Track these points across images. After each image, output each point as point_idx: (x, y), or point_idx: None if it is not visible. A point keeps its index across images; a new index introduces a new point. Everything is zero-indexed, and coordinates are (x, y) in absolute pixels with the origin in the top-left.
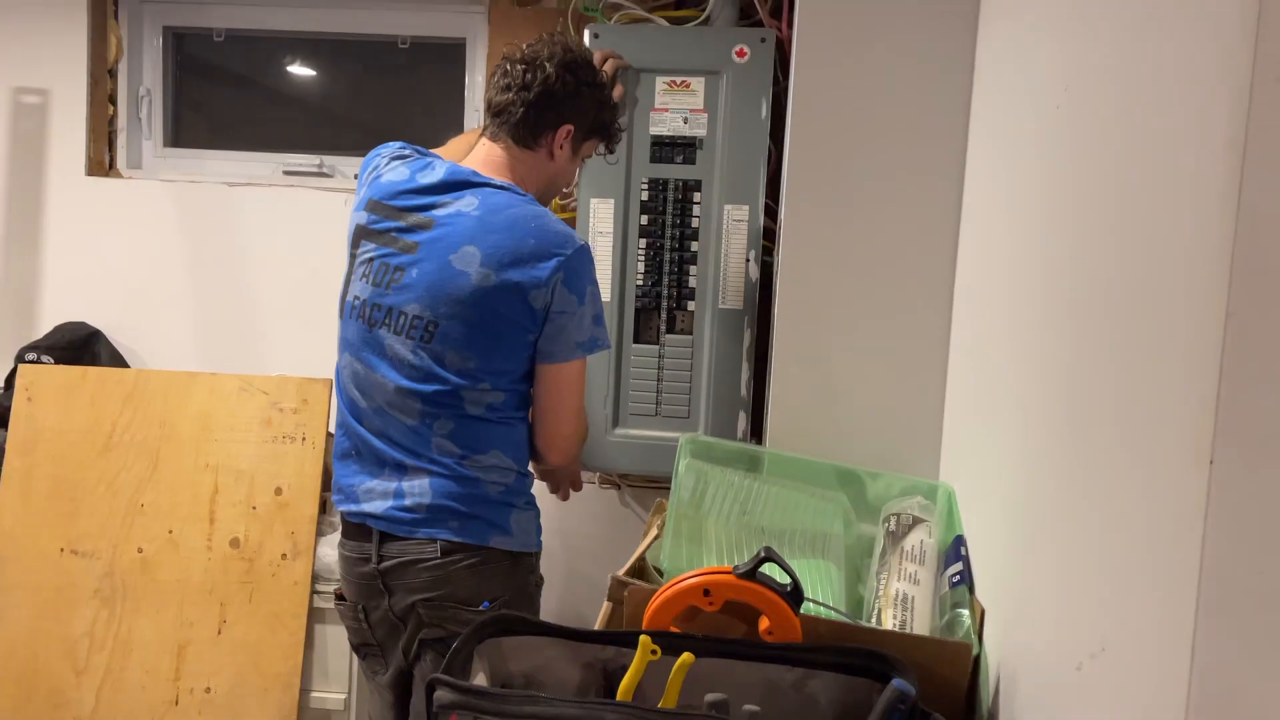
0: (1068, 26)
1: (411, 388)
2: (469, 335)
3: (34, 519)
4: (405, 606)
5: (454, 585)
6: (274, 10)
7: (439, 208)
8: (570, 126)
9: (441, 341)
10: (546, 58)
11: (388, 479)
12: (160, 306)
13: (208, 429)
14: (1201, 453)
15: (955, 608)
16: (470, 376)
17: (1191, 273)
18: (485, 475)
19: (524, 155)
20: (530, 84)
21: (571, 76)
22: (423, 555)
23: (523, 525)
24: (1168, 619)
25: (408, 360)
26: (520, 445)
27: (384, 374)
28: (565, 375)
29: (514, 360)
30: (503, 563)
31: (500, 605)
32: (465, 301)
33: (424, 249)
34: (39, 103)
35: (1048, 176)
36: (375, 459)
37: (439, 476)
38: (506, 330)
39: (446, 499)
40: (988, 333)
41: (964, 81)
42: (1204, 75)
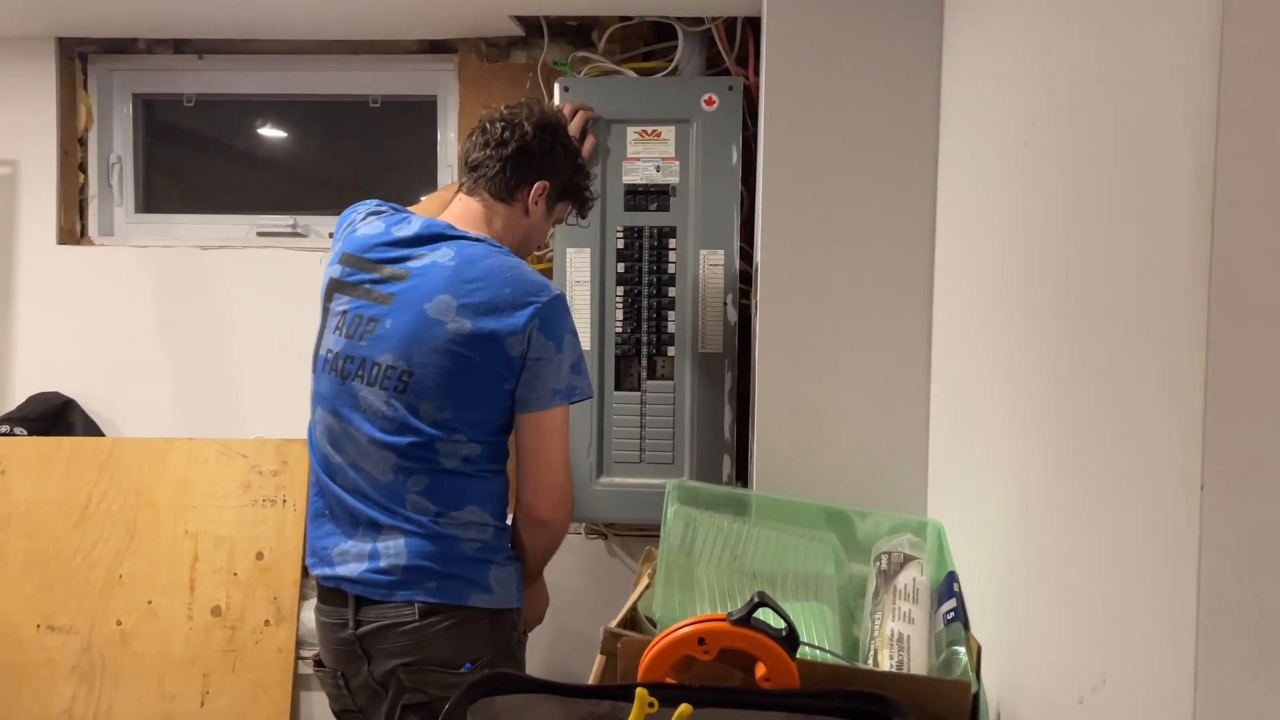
0: (1031, 64)
1: (385, 440)
2: (443, 385)
3: (8, 595)
4: (385, 672)
5: (434, 648)
6: (244, 75)
7: (414, 259)
8: (545, 183)
9: (415, 392)
10: (525, 117)
11: (362, 539)
12: (135, 373)
13: (186, 495)
14: (1191, 479)
15: (951, 645)
16: (445, 427)
17: (1171, 303)
18: (462, 532)
19: (500, 209)
20: (508, 141)
21: (549, 136)
22: (400, 619)
23: (502, 581)
24: (1168, 650)
25: (381, 412)
26: (497, 499)
27: (357, 427)
28: (546, 424)
29: (489, 410)
30: (483, 621)
31: (483, 665)
32: (440, 350)
33: (398, 300)
34: (9, 173)
35: (1020, 212)
36: (349, 518)
37: (414, 536)
38: (482, 379)
39: (423, 559)
40: (968, 368)
41: (931, 119)
42: (1170, 107)
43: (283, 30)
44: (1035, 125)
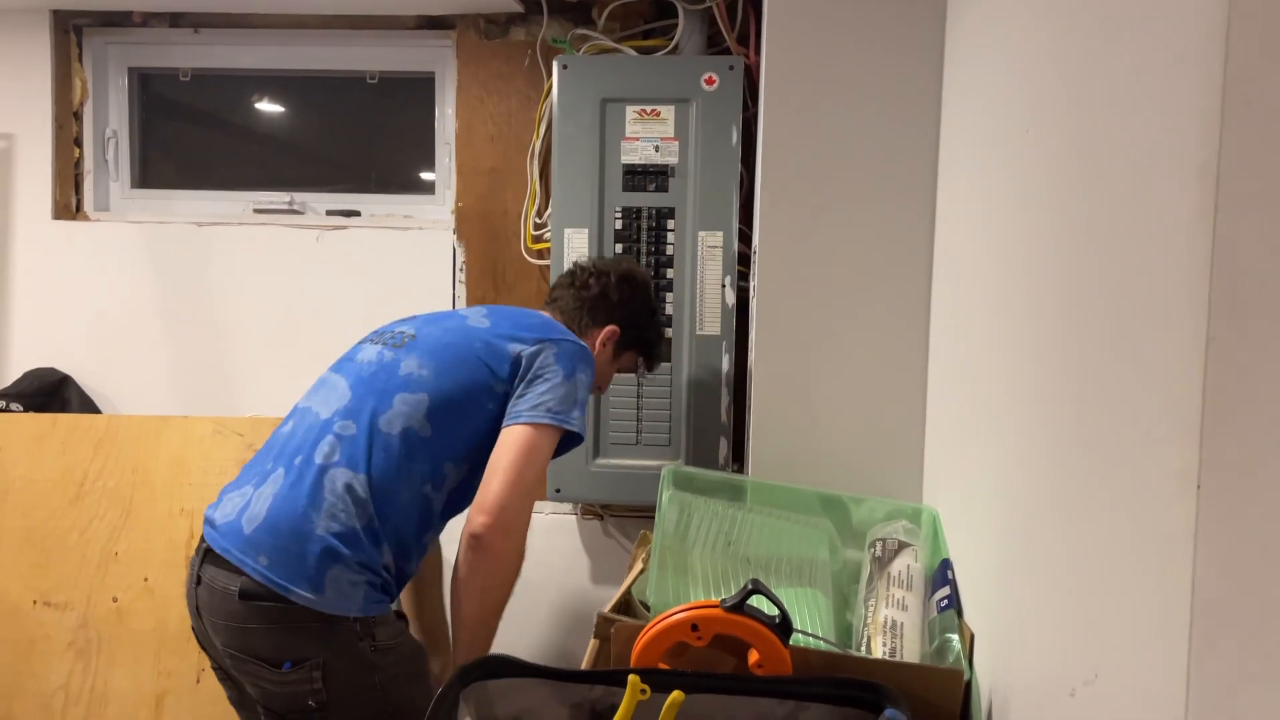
0: (1036, 49)
1: (348, 383)
2: (435, 347)
3: (4, 571)
4: (219, 653)
5: (252, 639)
6: (240, 49)
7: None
8: (616, 329)
9: (408, 348)
10: (612, 268)
11: (252, 485)
12: (131, 350)
13: (182, 473)
14: (1188, 478)
15: (944, 633)
16: (413, 385)
17: (1171, 298)
18: (332, 503)
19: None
20: (591, 285)
21: (629, 288)
22: (227, 589)
23: (341, 587)
24: (1161, 645)
25: (367, 359)
26: (402, 513)
27: (337, 374)
28: (525, 438)
29: (463, 405)
30: (310, 622)
31: (312, 667)
32: (449, 328)
33: (434, 316)
34: (4, 147)
35: (1021, 199)
36: (261, 465)
37: (292, 484)
38: (474, 366)
39: (275, 516)
40: (967, 355)
41: (933, 102)
42: (1174, 99)
43: (280, 4)
44: (1038, 112)
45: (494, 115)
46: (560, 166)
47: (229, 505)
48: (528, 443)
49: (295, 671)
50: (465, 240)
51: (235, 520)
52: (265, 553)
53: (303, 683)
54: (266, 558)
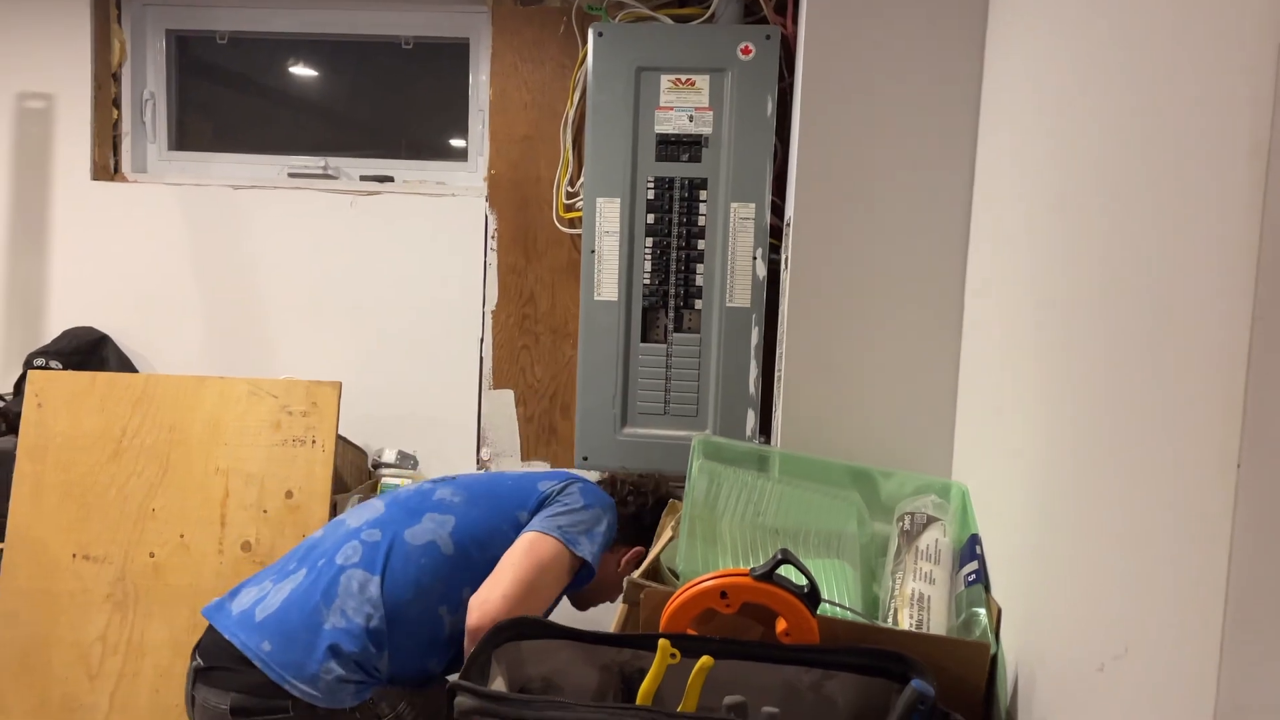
0: (1081, 24)
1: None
2: (471, 486)
3: (45, 524)
4: None
5: None
6: (277, 12)
7: None
8: (642, 550)
9: (445, 483)
10: (651, 490)
11: (268, 584)
12: (167, 310)
13: (217, 433)
14: (1229, 456)
15: (971, 607)
16: (447, 506)
17: (1216, 275)
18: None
19: None
20: (628, 502)
21: (661, 512)
22: (218, 710)
23: (330, 682)
24: (1194, 622)
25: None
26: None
27: (378, 498)
28: (535, 546)
29: (488, 532)
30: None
31: None
32: (484, 476)
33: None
34: (43, 107)
35: (1063, 173)
36: (282, 564)
37: (311, 579)
38: (503, 501)
39: (289, 607)
40: (1001, 330)
41: (974, 75)
42: (1225, 79)
43: None
44: (1084, 85)
45: (528, 82)
46: (593, 135)
47: (246, 597)
48: (536, 549)
49: None
50: (497, 207)
51: (249, 609)
52: (270, 639)
53: None
54: (270, 644)
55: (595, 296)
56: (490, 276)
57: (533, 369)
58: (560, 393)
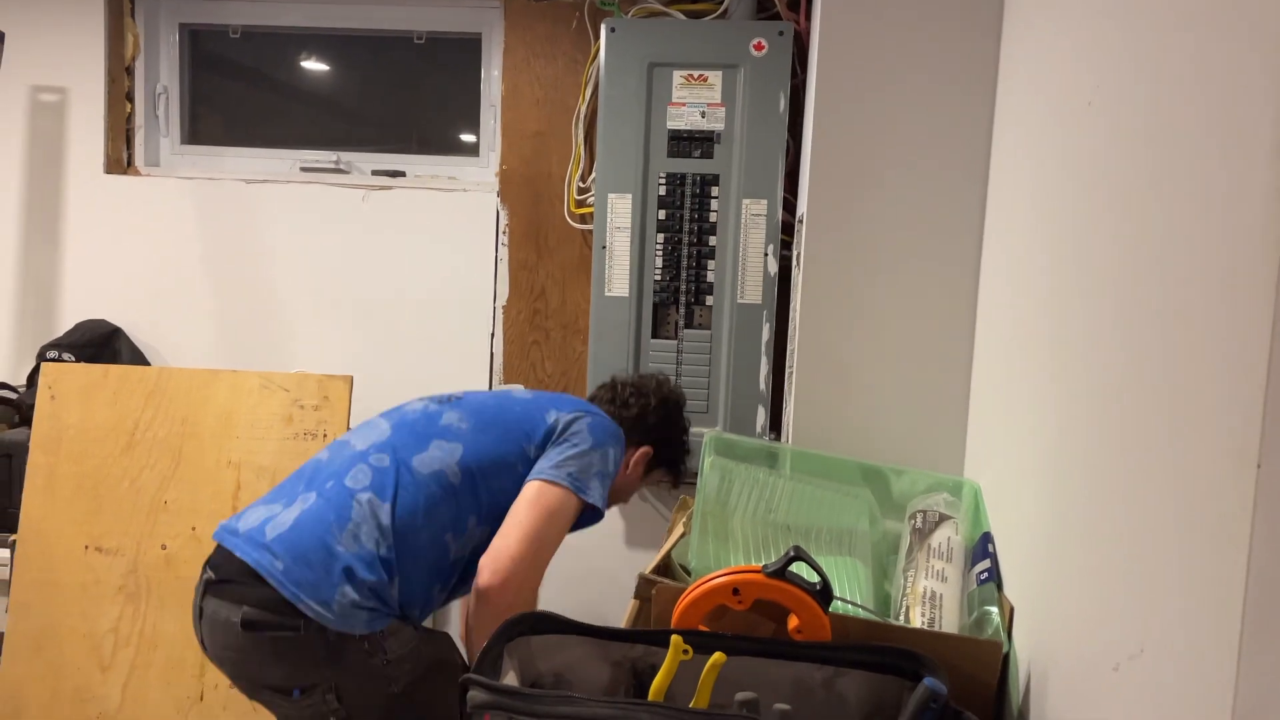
0: (1097, 21)
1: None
2: (476, 405)
3: (58, 516)
4: (228, 681)
5: (259, 667)
6: (289, 7)
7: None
8: (650, 450)
9: (453, 404)
10: (653, 389)
11: (277, 505)
12: (179, 303)
13: (229, 426)
14: (1248, 456)
15: (984, 605)
16: (454, 432)
17: (1235, 270)
18: (356, 525)
19: None
20: (630, 404)
21: (666, 413)
22: (229, 624)
23: (345, 609)
24: (1211, 622)
25: (412, 409)
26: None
27: (384, 418)
28: (542, 496)
29: (494, 462)
30: (316, 648)
31: (324, 690)
32: (493, 395)
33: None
34: (57, 101)
35: (1078, 171)
36: (289, 484)
37: (322, 502)
38: (510, 428)
39: (302, 528)
40: (1015, 327)
41: (990, 69)
42: (1248, 76)
43: None
44: (1101, 84)
45: (540, 78)
46: (605, 131)
47: (253, 516)
48: (544, 500)
49: (307, 697)
50: (508, 203)
51: (258, 527)
52: (283, 558)
53: (318, 706)
54: (283, 562)
55: (606, 292)
56: (501, 272)
57: (543, 364)
58: (570, 388)
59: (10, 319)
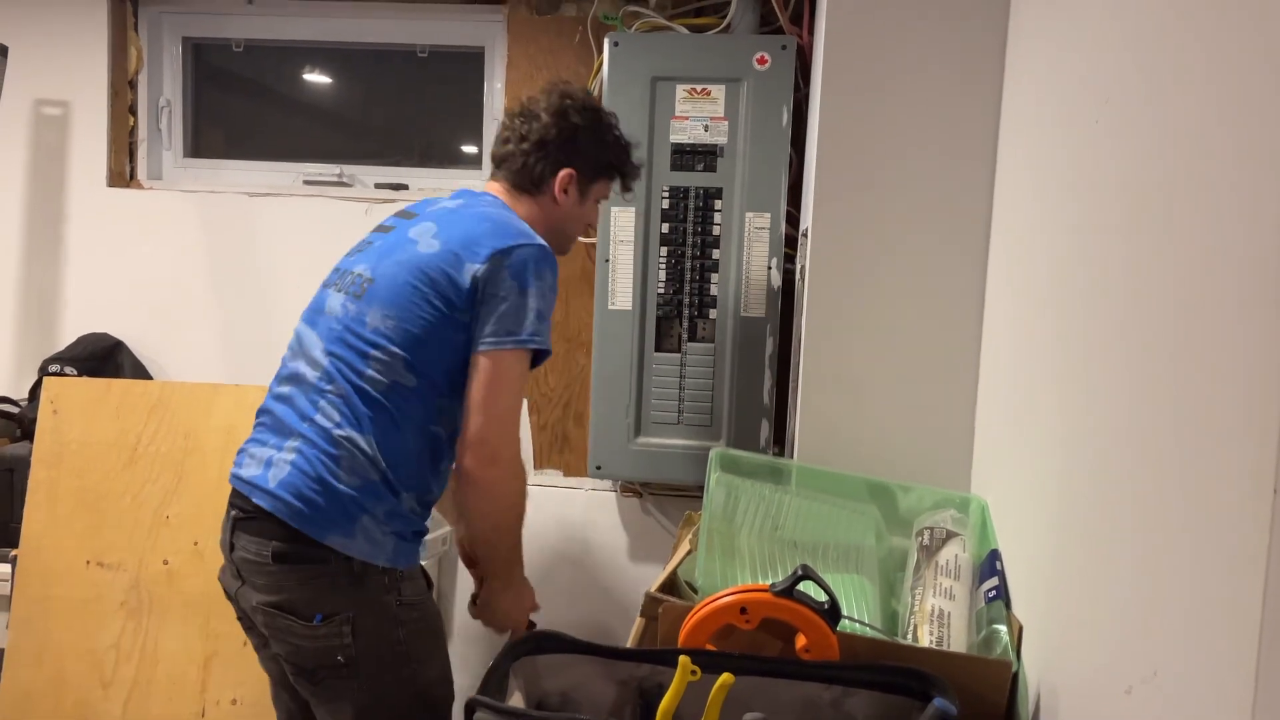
0: (1107, 36)
1: (327, 344)
2: (394, 292)
3: (60, 531)
4: (250, 605)
5: (288, 593)
6: (293, 20)
7: (428, 206)
8: (571, 171)
9: (369, 298)
10: (543, 108)
11: (270, 446)
12: (182, 317)
13: (233, 440)
14: (1264, 482)
15: (992, 624)
16: (385, 338)
17: (1249, 294)
18: (348, 459)
19: (525, 199)
20: (527, 134)
21: (566, 122)
22: (260, 558)
23: (372, 536)
24: (1227, 648)
25: (335, 314)
26: (402, 455)
27: (312, 330)
28: (491, 367)
29: (435, 340)
30: (339, 578)
31: (342, 621)
32: (403, 263)
33: (395, 229)
34: (60, 114)
35: (1086, 188)
36: (275, 424)
37: (307, 447)
38: (433, 300)
39: (302, 475)
40: (1021, 341)
41: (994, 84)
42: (1262, 95)
43: None
44: (1109, 102)
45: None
46: None
47: (251, 467)
48: (492, 371)
49: (326, 625)
50: None
51: (260, 475)
52: (295, 503)
53: (332, 637)
54: (295, 507)
55: (609, 305)
56: None
57: (546, 378)
58: (574, 401)
59: (12, 332)
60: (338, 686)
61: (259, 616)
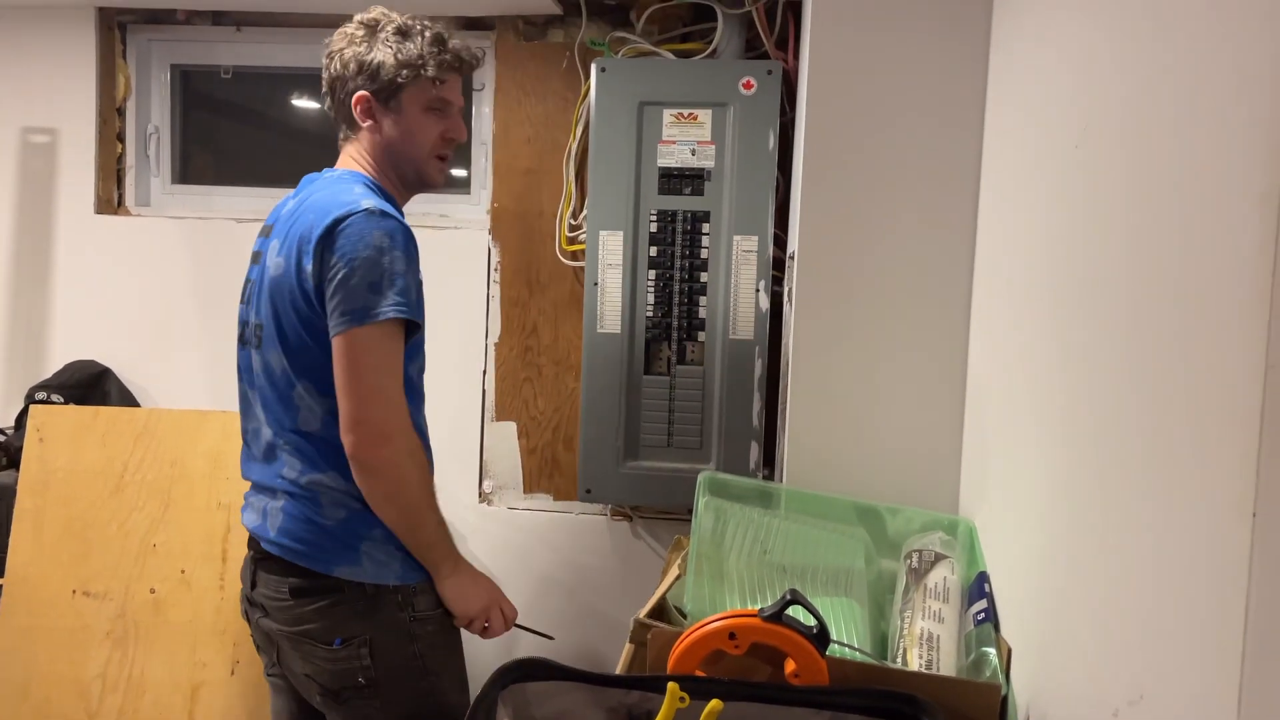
0: (1086, 63)
1: (260, 401)
2: (274, 330)
3: (46, 560)
4: (275, 631)
5: (308, 624)
6: (280, 47)
7: (280, 213)
8: (362, 93)
9: (264, 344)
10: (328, 53)
11: (264, 496)
12: (170, 343)
13: (219, 467)
14: (1244, 506)
15: (981, 646)
16: (287, 378)
17: (1229, 323)
18: (322, 500)
19: (355, 138)
20: (326, 80)
21: (336, 55)
22: (278, 597)
23: (377, 557)
24: (1211, 670)
25: (253, 368)
26: None
27: (251, 389)
28: (343, 350)
29: (322, 354)
30: (356, 602)
31: (360, 644)
32: (268, 295)
33: (262, 257)
34: (48, 142)
35: (1068, 214)
36: (257, 477)
37: (288, 498)
38: (298, 317)
39: (294, 521)
40: (1006, 366)
41: (976, 111)
42: (1236, 124)
43: (320, 4)
44: (1087, 129)
45: (531, 116)
46: (596, 169)
47: (250, 514)
48: (347, 353)
49: (345, 649)
50: (500, 240)
51: (261, 525)
52: (297, 546)
53: (352, 659)
54: (299, 549)
55: (598, 329)
56: (493, 309)
57: (535, 401)
58: (563, 425)
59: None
60: (361, 706)
61: (285, 641)
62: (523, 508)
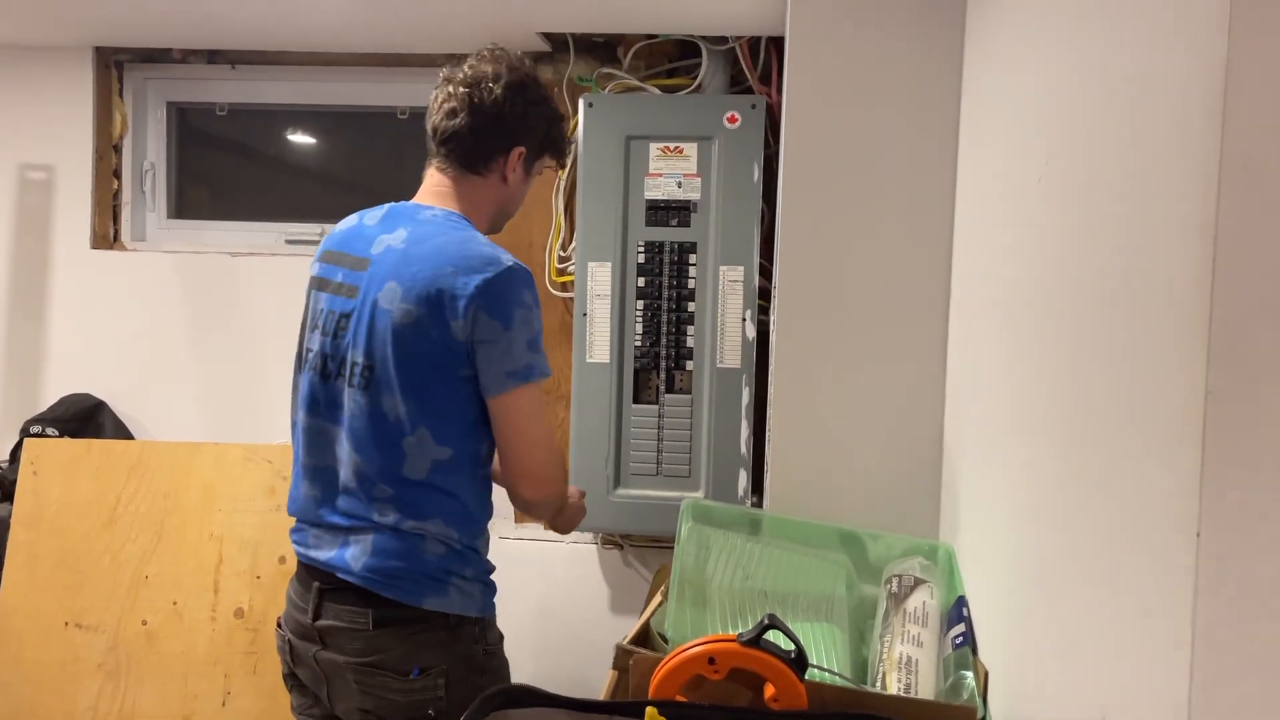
0: (1048, 98)
1: (356, 442)
2: (398, 375)
3: (38, 593)
4: (337, 663)
5: (385, 653)
6: (275, 85)
7: (376, 246)
8: (522, 149)
9: (377, 386)
10: (492, 79)
11: (333, 533)
12: (164, 377)
13: (212, 499)
14: (1189, 526)
15: (959, 670)
16: (407, 422)
17: (1172, 351)
18: (426, 540)
19: (474, 181)
20: (477, 109)
21: (520, 98)
22: (355, 624)
23: (466, 591)
24: (1165, 687)
25: (352, 410)
26: (466, 519)
27: (336, 426)
28: (510, 409)
29: (450, 401)
30: (439, 631)
31: (437, 675)
32: (390, 340)
33: (361, 292)
34: (45, 178)
35: (1033, 245)
36: (329, 523)
37: (381, 533)
38: (433, 366)
39: (387, 557)
40: (983, 393)
41: (950, 143)
42: (1174, 164)
43: (314, 43)
44: (1049, 163)
45: None
46: (585, 201)
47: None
48: (508, 414)
49: (422, 679)
50: None
51: (338, 555)
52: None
53: (427, 690)
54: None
55: (587, 358)
56: None
57: None
58: None
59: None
60: None
61: (350, 674)
62: (514, 537)
